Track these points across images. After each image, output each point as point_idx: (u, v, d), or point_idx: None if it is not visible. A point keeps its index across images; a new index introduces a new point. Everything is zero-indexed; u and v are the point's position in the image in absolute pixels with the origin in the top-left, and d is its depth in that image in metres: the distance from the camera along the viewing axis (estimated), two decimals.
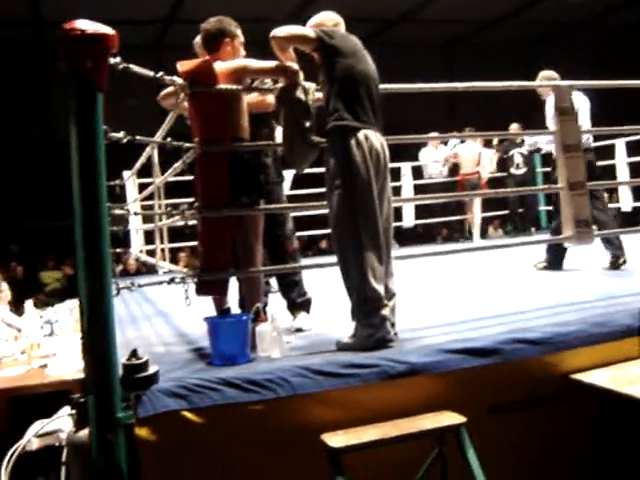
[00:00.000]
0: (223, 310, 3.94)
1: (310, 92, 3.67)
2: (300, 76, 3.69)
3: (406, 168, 10.79)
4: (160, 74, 3.51)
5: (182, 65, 3.63)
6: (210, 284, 3.75)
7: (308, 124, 3.60)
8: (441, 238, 11.73)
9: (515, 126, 10.60)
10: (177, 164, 4.19)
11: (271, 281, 5.43)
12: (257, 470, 3.04)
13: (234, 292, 4.19)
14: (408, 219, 10.82)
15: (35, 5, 12.70)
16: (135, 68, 3.26)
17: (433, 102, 15.43)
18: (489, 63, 15.22)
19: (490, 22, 16.14)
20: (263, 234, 3.99)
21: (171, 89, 3.86)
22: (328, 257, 7.42)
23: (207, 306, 4.05)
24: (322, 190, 3.78)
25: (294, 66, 3.70)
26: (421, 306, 4.70)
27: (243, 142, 3.82)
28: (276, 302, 4.60)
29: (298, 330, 4.24)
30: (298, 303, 4.46)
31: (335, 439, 2.92)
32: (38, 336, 5.95)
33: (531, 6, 15.28)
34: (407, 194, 10.51)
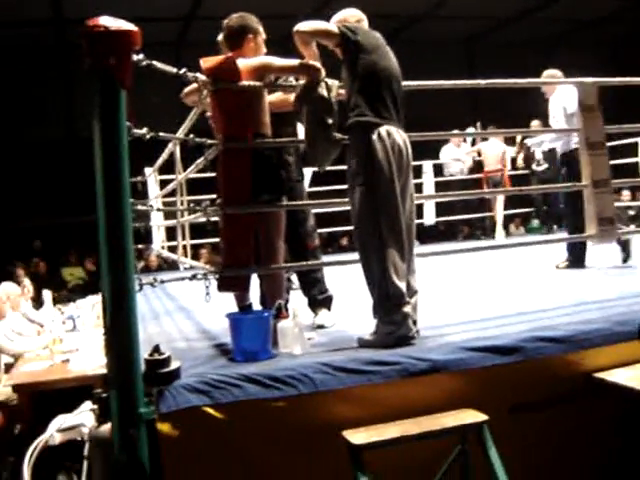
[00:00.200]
0: (244, 306, 3.96)
1: (333, 89, 3.65)
2: (323, 73, 3.67)
3: (427, 166, 10.77)
4: (183, 71, 3.52)
5: (205, 62, 3.64)
6: (232, 280, 3.75)
7: (331, 121, 3.59)
8: (462, 236, 11.69)
9: (536, 123, 10.52)
10: (199, 160, 4.19)
11: (292, 277, 5.43)
12: (278, 466, 3.05)
13: (255, 288, 4.20)
14: (429, 217, 10.80)
15: (57, 3, 12.77)
16: (158, 65, 3.27)
17: (454, 99, 15.40)
18: (510, 59, 15.11)
19: (511, 19, 16.09)
20: (285, 231, 3.99)
21: (194, 86, 3.85)
22: (349, 254, 7.43)
23: (228, 302, 4.05)
24: (342, 187, 3.77)
25: (317, 64, 3.69)
26: (443, 303, 4.68)
27: (265, 139, 3.81)
28: (297, 299, 4.60)
29: (319, 327, 4.23)
30: (319, 300, 4.46)
31: (356, 436, 2.92)
32: (60, 331, 6.00)
33: (552, 3, 15.18)
34: (428, 192, 10.49)
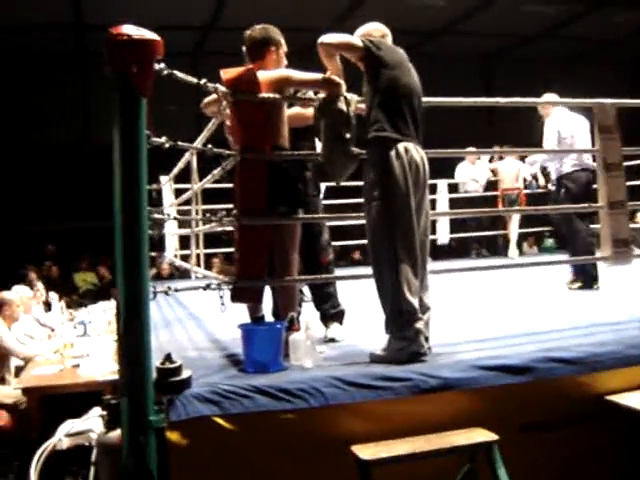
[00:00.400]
0: (257, 318, 3.96)
1: (352, 103, 3.66)
2: (343, 88, 3.68)
3: (442, 185, 10.73)
4: (203, 81, 3.53)
5: (225, 73, 3.64)
6: (245, 291, 3.75)
7: (348, 135, 3.60)
8: (475, 253, 11.65)
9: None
10: (216, 171, 4.21)
11: (304, 289, 5.43)
12: (286, 479, 3.04)
13: (268, 300, 4.20)
14: (443, 235, 10.76)
15: (77, 9, 12.83)
16: (179, 75, 3.29)
17: (471, 116, 15.37)
18: (528, 77, 15.11)
19: (530, 37, 16.07)
20: (299, 244, 3.98)
21: (214, 96, 3.86)
22: (361, 268, 7.42)
23: (240, 313, 4.05)
24: (355, 201, 3.77)
25: (337, 78, 3.69)
26: (455, 321, 4.67)
27: (283, 151, 3.82)
28: (309, 312, 4.60)
29: (331, 340, 4.23)
30: (331, 314, 4.45)
31: (366, 451, 2.91)
32: (71, 336, 6.02)
33: (571, 23, 15.18)
34: (442, 209, 10.45)
